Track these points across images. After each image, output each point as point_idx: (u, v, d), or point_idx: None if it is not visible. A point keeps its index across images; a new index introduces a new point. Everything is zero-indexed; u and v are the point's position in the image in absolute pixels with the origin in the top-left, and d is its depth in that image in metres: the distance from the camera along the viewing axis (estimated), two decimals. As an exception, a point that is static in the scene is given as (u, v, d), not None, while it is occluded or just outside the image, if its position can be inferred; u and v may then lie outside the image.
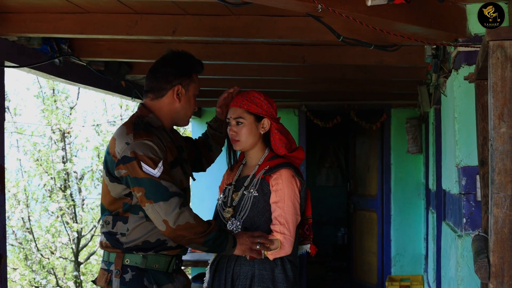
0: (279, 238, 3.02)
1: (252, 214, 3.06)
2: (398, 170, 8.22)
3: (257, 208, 3.07)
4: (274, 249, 3.01)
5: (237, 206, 3.11)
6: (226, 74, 5.59)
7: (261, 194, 3.09)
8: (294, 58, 4.72)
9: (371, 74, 5.59)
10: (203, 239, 2.79)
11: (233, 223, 3.09)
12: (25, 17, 4.00)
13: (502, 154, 2.08)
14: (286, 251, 3.03)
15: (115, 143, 2.84)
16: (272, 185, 3.08)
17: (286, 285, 3.03)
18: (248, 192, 3.10)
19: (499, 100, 2.09)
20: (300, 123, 8.26)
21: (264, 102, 3.16)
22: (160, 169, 2.78)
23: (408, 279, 7.59)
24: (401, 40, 3.56)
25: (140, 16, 3.92)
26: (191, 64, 3.07)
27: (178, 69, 3.01)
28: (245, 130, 3.12)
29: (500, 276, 2.09)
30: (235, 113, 3.15)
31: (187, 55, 3.09)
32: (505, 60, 2.08)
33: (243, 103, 3.14)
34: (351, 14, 2.85)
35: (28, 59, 4.40)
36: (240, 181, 3.20)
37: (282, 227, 3.03)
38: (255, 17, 3.79)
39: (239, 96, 3.18)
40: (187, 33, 3.95)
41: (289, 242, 3.03)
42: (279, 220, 3.04)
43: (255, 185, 3.10)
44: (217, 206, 3.22)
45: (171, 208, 2.75)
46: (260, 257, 3.01)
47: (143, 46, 4.79)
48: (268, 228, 3.08)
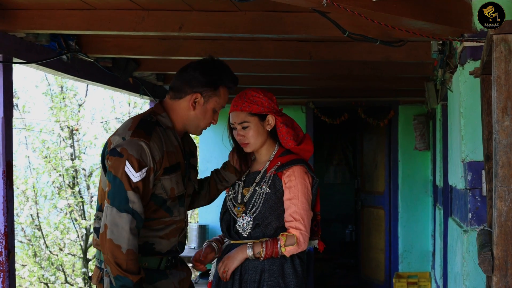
0: (295, 234, 3.05)
1: (264, 210, 3.09)
2: (405, 167, 8.25)
3: (269, 204, 3.10)
4: (291, 245, 3.04)
5: (248, 202, 3.13)
6: (233, 70, 5.52)
7: (273, 190, 3.12)
8: (301, 54, 4.73)
9: (378, 70, 5.60)
10: (117, 273, 2.59)
11: (243, 219, 3.11)
12: (33, 14, 4.02)
13: (505, 147, 2.09)
14: (303, 247, 3.07)
15: (116, 133, 2.79)
16: (285, 182, 3.11)
17: (295, 280, 3.06)
18: (260, 188, 3.13)
19: (503, 94, 2.09)
20: (308, 120, 8.32)
21: (264, 99, 3.16)
22: (142, 174, 2.65)
23: (416, 276, 7.68)
24: (406, 36, 3.58)
25: (146, 13, 3.94)
26: (221, 76, 2.91)
27: (205, 77, 2.86)
28: (252, 132, 3.13)
29: (504, 269, 2.09)
30: (239, 118, 3.13)
31: (222, 66, 2.96)
32: (509, 53, 2.09)
33: (244, 105, 3.12)
34: (356, 9, 2.86)
35: (36, 56, 4.44)
36: (250, 176, 3.21)
37: (298, 223, 3.06)
38: (261, 13, 3.80)
39: (238, 99, 3.15)
40: (194, 29, 3.96)
41: (305, 237, 3.07)
42: (294, 216, 3.07)
43: (267, 181, 3.13)
44: (226, 201, 3.24)
45: (120, 221, 2.61)
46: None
47: (150, 43, 4.82)
48: (279, 224, 3.11)
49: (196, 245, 8.13)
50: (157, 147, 2.72)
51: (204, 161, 8.60)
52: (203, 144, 8.66)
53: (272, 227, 3.10)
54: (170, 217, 2.81)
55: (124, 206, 2.62)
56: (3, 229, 4.07)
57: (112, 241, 2.59)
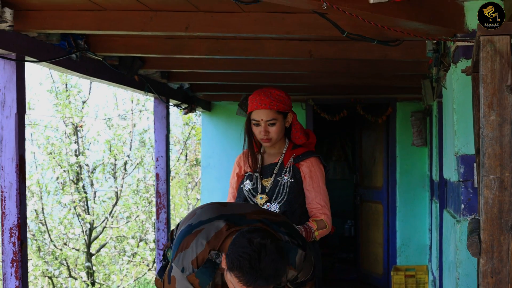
0: (323, 219, 3.33)
1: (289, 198, 3.32)
2: (403, 163, 8.40)
3: (293, 192, 3.33)
4: (322, 229, 3.31)
5: (271, 191, 3.35)
6: (236, 68, 5.78)
7: (294, 180, 3.35)
8: (301, 52, 4.89)
9: (376, 68, 5.76)
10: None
11: (269, 207, 3.32)
12: (45, 14, 4.16)
13: (491, 140, 2.27)
14: (330, 229, 3.36)
15: None
16: (304, 172, 3.37)
17: (316, 263, 3.29)
18: (282, 178, 3.35)
19: (489, 91, 2.27)
20: (308, 116, 8.47)
21: (286, 98, 3.40)
22: None
23: (413, 269, 7.83)
24: (402, 36, 3.75)
25: (154, 13, 4.09)
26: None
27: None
28: (277, 129, 3.35)
29: (490, 252, 2.27)
30: (268, 115, 3.32)
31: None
32: (494, 53, 2.27)
33: (272, 104, 3.32)
34: (354, 11, 3.03)
35: (47, 54, 4.58)
36: (266, 168, 3.43)
37: (324, 209, 3.35)
38: (264, 14, 3.94)
39: (264, 98, 3.33)
40: (199, 29, 4.10)
41: (330, 220, 3.37)
42: (320, 203, 3.34)
43: (289, 172, 3.35)
44: (243, 193, 3.42)
45: None
46: None
47: (156, 42, 4.95)
48: (302, 210, 3.36)
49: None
50: None
51: (206, 156, 8.80)
52: (205, 140, 8.85)
53: (297, 213, 3.33)
54: None
55: None
56: (16, 220, 4.24)
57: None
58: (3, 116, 4.28)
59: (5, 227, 4.26)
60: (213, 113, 8.73)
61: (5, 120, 4.26)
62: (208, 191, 8.72)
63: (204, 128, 8.88)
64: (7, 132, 4.26)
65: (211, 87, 7.58)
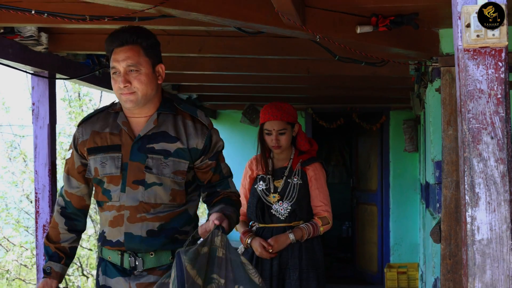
0: (326, 215, 3.93)
1: (299, 197, 3.92)
2: (396, 167, 8.74)
3: (302, 192, 3.93)
4: (326, 225, 3.91)
5: (282, 191, 3.93)
6: (241, 82, 6.33)
7: (302, 182, 3.95)
8: (300, 70, 5.43)
9: (368, 82, 6.28)
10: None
11: (281, 205, 3.90)
12: (75, 37, 4.67)
13: (449, 150, 2.86)
14: (331, 224, 3.95)
15: None
16: (310, 175, 3.96)
17: (321, 252, 3.97)
18: (292, 180, 3.94)
19: (448, 110, 2.86)
20: (307, 124, 8.82)
21: (293, 111, 3.99)
22: (68, 155, 2.83)
23: (405, 266, 8.10)
24: (386, 58, 4.33)
25: (171, 37, 4.61)
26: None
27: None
28: (286, 137, 3.94)
29: (448, 239, 2.86)
30: (279, 125, 3.90)
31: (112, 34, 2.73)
32: (452, 81, 2.86)
33: (283, 116, 3.90)
34: (343, 42, 3.62)
35: (75, 72, 5.12)
36: (277, 171, 4.01)
37: (327, 207, 3.95)
38: (267, 38, 4.49)
39: (275, 110, 3.91)
40: (210, 51, 4.66)
41: (331, 217, 3.95)
42: (322, 201, 3.94)
43: (298, 175, 3.94)
44: (257, 192, 3.98)
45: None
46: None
47: (170, 60, 5.42)
48: (308, 208, 3.96)
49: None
50: (83, 131, 2.78)
51: None
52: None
53: (304, 210, 3.93)
54: (110, 201, 2.69)
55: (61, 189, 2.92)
56: (48, 218, 4.72)
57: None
58: (37, 127, 4.78)
59: (39, 224, 4.75)
60: (218, 120, 9.09)
61: (39, 130, 4.78)
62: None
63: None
64: (40, 141, 4.77)
65: (217, 97, 8.03)
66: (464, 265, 1.55)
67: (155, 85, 2.69)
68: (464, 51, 1.56)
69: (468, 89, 1.56)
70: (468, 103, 1.55)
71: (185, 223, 2.71)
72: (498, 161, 1.54)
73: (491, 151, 1.55)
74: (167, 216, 2.64)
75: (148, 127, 2.68)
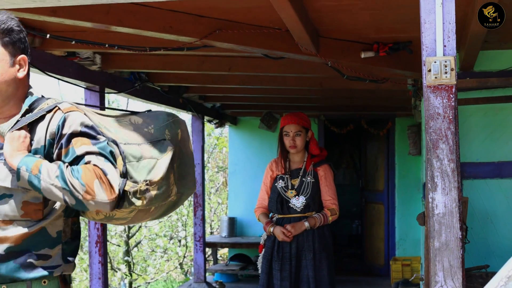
0: (334, 208, 4.71)
1: (312, 193, 4.72)
2: (401, 169, 9.28)
3: (314, 189, 4.73)
4: (334, 215, 4.70)
5: (298, 188, 4.72)
6: (264, 93, 7.12)
7: (315, 180, 4.74)
8: (314, 84, 6.20)
9: (374, 94, 7.02)
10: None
11: (297, 200, 4.69)
12: (122, 57, 5.38)
13: (432, 153, 3.64)
14: (338, 215, 4.74)
15: None
16: (320, 174, 4.75)
17: (330, 238, 4.77)
18: (306, 178, 4.73)
19: (430, 123, 3.65)
20: (320, 130, 9.43)
21: (308, 119, 4.80)
22: None
23: (409, 259, 8.60)
24: (387, 77, 5.14)
25: (205, 58, 5.36)
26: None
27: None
28: (301, 139, 4.72)
29: (431, 223, 3.63)
30: (296, 128, 4.68)
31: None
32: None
33: (299, 121, 4.69)
34: (350, 65, 4.43)
35: (119, 86, 5.86)
36: (293, 172, 4.80)
37: (334, 200, 4.74)
38: (287, 60, 5.13)
39: (293, 116, 4.70)
40: (239, 70, 5.40)
41: (338, 209, 4.74)
42: (331, 196, 4.73)
43: (311, 174, 4.73)
44: (277, 189, 4.75)
45: None
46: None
47: (201, 75, 6.22)
48: (319, 202, 4.73)
49: (226, 234, 9.50)
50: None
51: (233, 163, 9.81)
52: (232, 149, 9.85)
53: (317, 204, 4.73)
54: None
55: None
56: None
57: None
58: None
59: (91, 216, 5.47)
60: (238, 126, 9.74)
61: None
62: (235, 193, 9.77)
63: (231, 139, 9.89)
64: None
65: (238, 105, 8.72)
66: (428, 230, 2.23)
67: (12, 79, 2.13)
68: (427, 87, 2.32)
69: (430, 112, 2.30)
70: (430, 122, 2.28)
71: (44, 245, 2.12)
72: (450, 160, 2.26)
73: (445, 154, 2.27)
74: (18, 236, 2.07)
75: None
